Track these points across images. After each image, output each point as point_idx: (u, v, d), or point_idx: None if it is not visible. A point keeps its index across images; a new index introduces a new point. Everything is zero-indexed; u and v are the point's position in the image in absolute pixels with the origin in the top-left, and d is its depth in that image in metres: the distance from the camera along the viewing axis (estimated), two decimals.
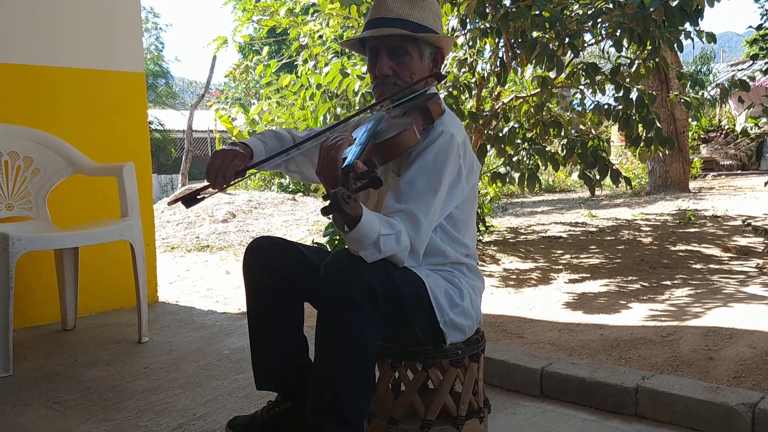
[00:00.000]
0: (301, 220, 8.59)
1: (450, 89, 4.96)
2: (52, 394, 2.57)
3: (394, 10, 1.84)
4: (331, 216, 1.56)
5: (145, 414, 2.34)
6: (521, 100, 5.49)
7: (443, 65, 1.98)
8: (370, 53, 1.90)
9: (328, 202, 1.44)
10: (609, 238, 6.07)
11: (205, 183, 1.85)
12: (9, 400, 2.52)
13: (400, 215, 1.66)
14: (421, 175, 1.71)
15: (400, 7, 1.84)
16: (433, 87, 1.94)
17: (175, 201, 1.82)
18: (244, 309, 2.02)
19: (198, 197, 1.80)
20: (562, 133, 5.36)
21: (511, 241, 6.12)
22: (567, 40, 4.49)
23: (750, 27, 4.69)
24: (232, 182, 1.85)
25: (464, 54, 5.04)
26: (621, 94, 4.80)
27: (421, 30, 1.84)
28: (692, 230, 6.26)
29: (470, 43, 4.94)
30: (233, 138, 5.81)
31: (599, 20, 4.40)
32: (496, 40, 4.79)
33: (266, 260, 1.92)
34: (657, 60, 4.70)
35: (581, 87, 5.27)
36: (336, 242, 4.86)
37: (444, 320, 1.77)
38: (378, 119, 1.80)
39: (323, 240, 5.04)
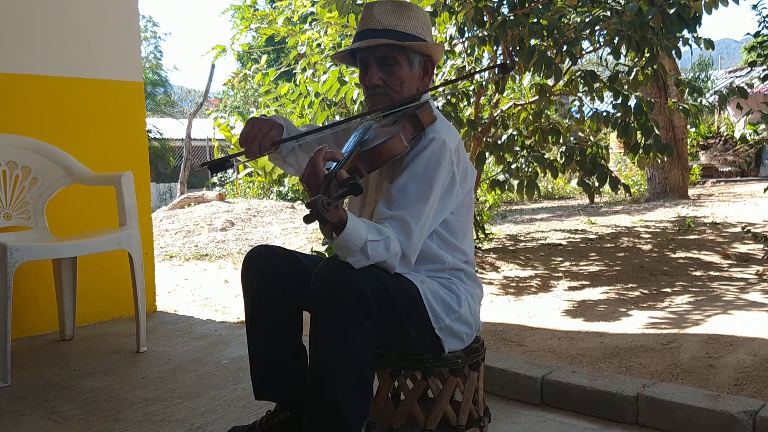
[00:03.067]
0: (300, 228, 8.58)
1: (448, 97, 4.96)
2: (50, 404, 2.56)
3: (381, 21, 1.85)
4: (319, 226, 1.57)
5: (144, 424, 2.33)
6: (520, 107, 5.49)
7: (440, 73, 1.99)
8: (361, 64, 1.91)
9: (310, 210, 1.46)
10: (608, 245, 6.07)
11: (239, 150, 1.84)
12: (7, 410, 2.50)
13: (391, 222, 1.68)
14: (412, 182, 1.72)
15: (387, 18, 1.85)
16: (425, 95, 1.95)
17: (201, 166, 1.83)
18: (243, 318, 2.02)
19: (226, 164, 1.80)
20: (561, 141, 5.36)
21: (510, 248, 6.12)
22: (565, 47, 4.50)
23: (748, 34, 4.69)
24: (267, 152, 1.84)
25: (462, 62, 5.04)
26: (619, 101, 4.81)
27: (409, 39, 1.85)
28: (692, 237, 6.26)
29: (468, 51, 4.95)
30: (232, 146, 5.81)
31: (597, 28, 4.41)
32: (495, 47, 4.80)
33: (264, 269, 1.91)
34: (655, 67, 4.70)
35: (579, 94, 5.27)
36: None
37: (440, 326, 1.77)
38: (366, 128, 1.81)
39: (322, 248, 5.04)
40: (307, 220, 1.46)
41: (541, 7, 4.37)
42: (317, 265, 1.95)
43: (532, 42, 4.51)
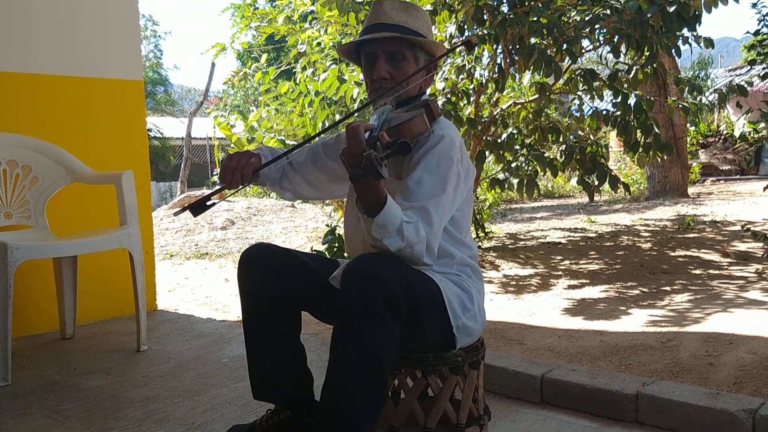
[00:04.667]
0: (300, 227, 8.59)
1: (448, 95, 4.96)
2: (51, 403, 2.56)
3: (391, 17, 1.88)
4: (355, 203, 1.57)
5: (144, 423, 2.34)
6: (519, 106, 5.49)
7: (440, 71, 2.02)
8: (367, 58, 1.92)
9: (359, 167, 1.46)
10: (608, 243, 6.07)
11: (217, 187, 1.83)
12: (7, 409, 2.51)
13: (413, 211, 1.67)
14: (428, 175, 1.73)
15: (397, 14, 1.88)
16: (427, 92, 1.97)
17: (182, 211, 1.76)
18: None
19: (207, 203, 1.76)
20: (561, 139, 5.37)
21: (510, 247, 6.12)
22: (565, 46, 4.50)
23: (748, 32, 4.69)
24: (248, 182, 1.85)
25: (462, 60, 5.04)
26: (619, 99, 4.81)
27: (418, 36, 1.87)
28: (691, 235, 6.26)
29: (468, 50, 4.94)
30: (232, 145, 5.81)
31: (597, 26, 4.40)
32: (494, 46, 4.79)
33: (262, 268, 1.91)
34: (655, 65, 4.70)
35: (579, 93, 5.27)
36: (335, 250, 4.85)
37: (457, 325, 1.78)
38: (385, 111, 1.82)
39: (322, 247, 5.04)
40: (355, 177, 1.47)
41: (541, 5, 4.37)
42: (317, 264, 1.96)
43: (532, 40, 4.51)
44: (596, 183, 5.12)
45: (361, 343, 1.59)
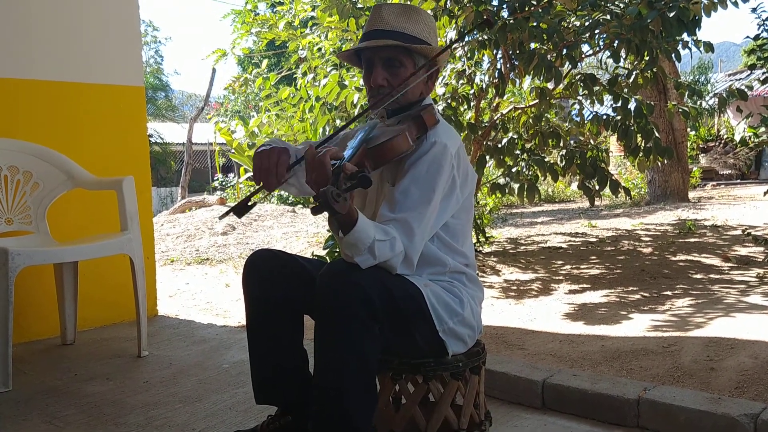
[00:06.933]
0: (301, 232, 8.59)
1: (449, 100, 4.97)
2: (52, 409, 2.56)
3: (389, 23, 1.86)
4: (327, 221, 1.57)
5: (145, 429, 2.33)
6: (520, 111, 5.50)
7: (441, 76, 2.00)
8: (366, 64, 1.91)
9: (318, 201, 1.45)
10: (609, 248, 6.07)
11: (256, 187, 1.79)
12: (8, 415, 2.50)
13: (394, 224, 1.68)
14: (415, 186, 1.73)
15: (396, 19, 1.86)
16: (428, 98, 1.96)
17: (226, 214, 1.75)
18: (244, 322, 2.02)
19: (249, 204, 1.73)
20: (561, 144, 5.37)
21: (511, 251, 6.12)
22: (565, 51, 4.51)
23: (747, 37, 4.70)
24: (284, 180, 1.78)
25: (463, 65, 5.06)
26: (619, 104, 4.81)
27: (416, 42, 1.85)
28: (692, 240, 6.26)
29: (468, 55, 4.96)
30: (233, 150, 5.82)
31: (597, 31, 4.42)
32: (495, 51, 4.81)
33: (265, 273, 1.92)
34: (655, 70, 4.71)
35: (579, 98, 5.28)
36: (336, 255, 4.85)
37: (443, 329, 1.77)
38: (372, 126, 1.82)
39: (323, 252, 5.04)
40: (315, 211, 1.46)
41: (541, 10, 4.38)
42: (318, 269, 1.95)
43: (532, 45, 4.52)
44: (597, 187, 5.12)
45: (341, 344, 1.60)
